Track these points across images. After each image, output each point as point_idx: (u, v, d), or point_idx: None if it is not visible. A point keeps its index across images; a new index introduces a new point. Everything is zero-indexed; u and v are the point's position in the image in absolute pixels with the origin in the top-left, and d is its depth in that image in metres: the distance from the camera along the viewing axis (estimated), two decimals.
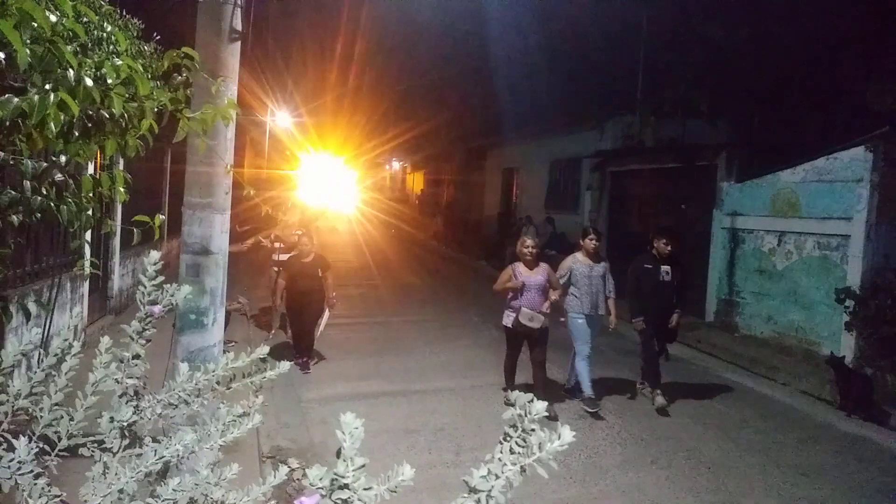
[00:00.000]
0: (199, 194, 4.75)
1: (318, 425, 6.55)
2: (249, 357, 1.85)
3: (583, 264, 7.66)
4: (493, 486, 1.10)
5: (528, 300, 7.22)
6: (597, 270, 7.68)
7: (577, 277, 7.61)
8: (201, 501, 1.57)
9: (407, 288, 15.67)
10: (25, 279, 6.47)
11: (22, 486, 1.42)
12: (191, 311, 4.78)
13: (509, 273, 7.36)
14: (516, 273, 7.31)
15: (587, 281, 7.58)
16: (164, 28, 4.17)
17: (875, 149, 9.04)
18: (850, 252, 9.28)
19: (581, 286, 7.59)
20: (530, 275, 7.29)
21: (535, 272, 7.33)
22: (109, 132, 2.83)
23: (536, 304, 7.21)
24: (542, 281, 7.30)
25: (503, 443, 1.17)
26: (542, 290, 7.29)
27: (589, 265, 7.66)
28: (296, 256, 8.80)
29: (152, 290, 1.63)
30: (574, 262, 7.71)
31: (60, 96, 2.32)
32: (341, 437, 1.15)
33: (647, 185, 14.98)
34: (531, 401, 1.18)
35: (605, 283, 7.75)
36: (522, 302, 7.20)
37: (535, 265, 7.39)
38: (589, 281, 7.59)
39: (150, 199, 11.46)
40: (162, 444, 1.57)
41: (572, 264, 7.70)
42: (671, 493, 5.54)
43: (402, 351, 9.61)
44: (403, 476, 1.24)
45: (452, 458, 5.91)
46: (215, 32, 4.67)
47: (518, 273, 7.30)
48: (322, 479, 1.16)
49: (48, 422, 1.60)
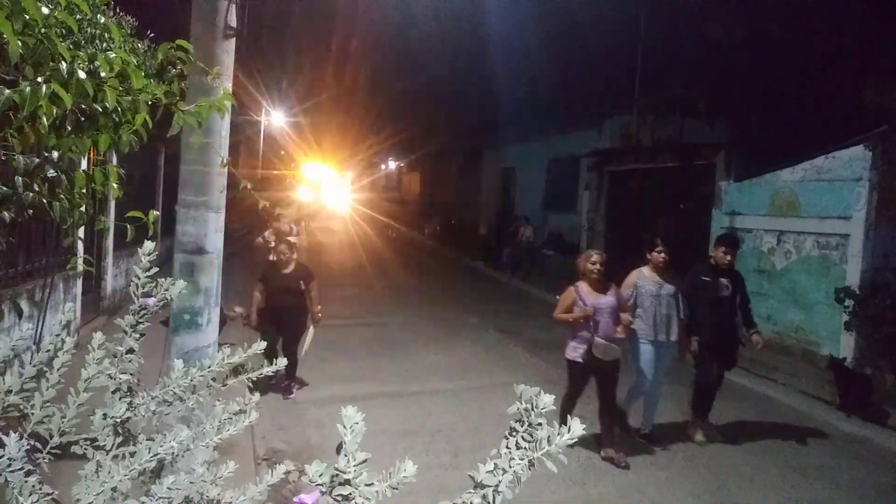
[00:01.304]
0: (194, 193, 4.72)
1: (313, 427, 6.51)
2: (245, 353, 1.82)
3: (650, 281, 6.53)
4: (500, 480, 1.06)
5: (601, 328, 6.03)
6: (667, 289, 6.51)
7: (643, 297, 6.51)
8: (197, 500, 1.53)
9: (403, 289, 15.63)
10: (18, 279, 6.43)
11: (12, 483, 1.38)
12: (185, 311, 4.74)
13: (573, 296, 6.15)
14: (582, 296, 6.10)
15: (655, 301, 6.46)
16: (157, 25, 4.13)
17: (874, 148, 9.02)
18: (850, 251, 9.26)
19: (647, 307, 6.46)
20: (599, 297, 6.11)
21: (604, 293, 6.19)
22: (103, 126, 2.78)
23: (610, 331, 6.06)
24: (614, 303, 6.14)
25: (509, 437, 1.14)
26: (614, 313, 6.13)
27: (657, 283, 6.52)
28: (273, 266, 7.77)
29: (146, 282, 1.59)
30: (640, 279, 6.58)
31: (53, 88, 2.27)
32: (343, 432, 1.11)
33: (646, 184, 14.97)
34: (538, 394, 1.14)
35: (677, 303, 6.55)
36: (594, 330, 6.03)
37: (602, 284, 6.21)
38: (657, 301, 6.46)
39: (143, 199, 11.41)
40: (156, 442, 1.53)
41: (638, 281, 6.57)
42: (670, 494, 5.51)
43: (398, 352, 9.56)
44: (405, 473, 1.20)
45: (450, 460, 5.86)
46: (210, 29, 4.64)
47: (584, 296, 6.10)
48: (322, 475, 1.12)
49: (39, 419, 1.57)
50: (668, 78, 15.01)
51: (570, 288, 6.22)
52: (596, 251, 6.43)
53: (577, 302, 6.09)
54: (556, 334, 11.48)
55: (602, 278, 6.20)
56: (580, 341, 6.07)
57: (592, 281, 6.16)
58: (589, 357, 5.97)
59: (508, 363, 9.19)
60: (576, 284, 6.22)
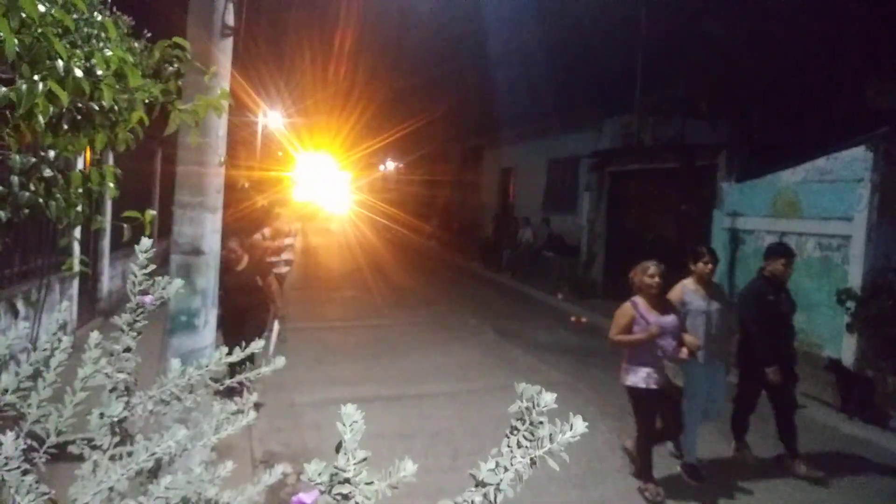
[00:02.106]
0: (190, 193, 4.70)
1: (311, 429, 6.49)
2: (243, 352, 1.80)
3: (698, 296, 5.90)
4: (501, 478, 1.04)
5: (668, 349, 5.41)
6: (715, 305, 5.90)
7: (692, 314, 5.85)
8: (195, 500, 1.51)
9: (401, 290, 15.60)
10: (13, 280, 6.41)
11: (9, 482, 1.37)
12: (182, 313, 4.71)
13: (631, 314, 5.47)
14: (643, 314, 5.44)
15: (704, 319, 5.82)
16: (153, 25, 4.11)
17: (876, 148, 8.99)
18: (851, 252, 9.23)
19: (697, 325, 5.80)
20: (660, 315, 5.45)
21: (664, 308, 5.54)
22: (99, 125, 2.77)
23: (673, 354, 5.44)
24: (677, 322, 5.51)
25: (510, 436, 1.12)
26: (676, 333, 5.48)
27: (705, 297, 5.90)
28: (226, 264, 6.82)
29: (144, 279, 1.57)
30: (686, 294, 5.93)
31: (49, 86, 2.26)
32: (342, 430, 1.09)
33: (647, 185, 14.95)
34: (539, 392, 1.12)
35: (724, 320, 5.96)
36: (661, 353, 5.41)
37: (662, 300, 5.57)
38: (707, 319, 5.82)
39: (140, 201, 11.39)
40: (154, 441, 1.52)
41: (685, 297, 5.91)
42: (671, 497, 5.48)
43: (396, 354, 9.53)
44: (405, 472, 1.18)
45: (449, 463, 5.85)
46: (207, 28, 4.62)
47: (644, 314, 5.44)
48: (321, 474, 1.10)
49: (36, 418, 1.56)
50: (670, 78, 14.98)
51: (627, 304, 5.54)
52: (653, 262, 5.60)
53: (636, 320, 5.41)
54: (556, 336, 11.54)
55: (661, 293, 5.56)
56: (642, 367, 5.39)
57: (651, 297, 5.49)
58: (665, 383, 5.36)
59: (508, 365, 9.17)
60: (633, 300, 5.54)
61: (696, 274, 5.98)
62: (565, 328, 12.13)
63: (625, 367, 5.54)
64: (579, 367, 9.18)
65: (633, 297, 5.58)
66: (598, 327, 12.36)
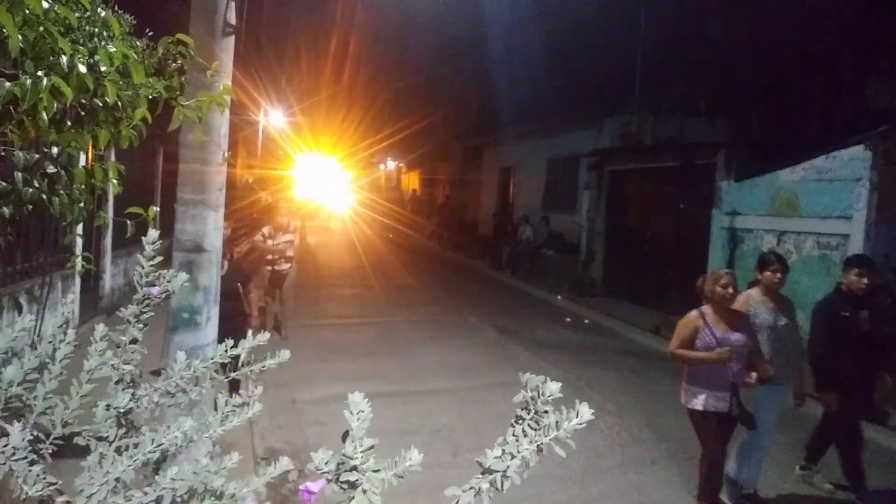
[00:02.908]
0: (192, 191, 4.71)
1: (312, 426, 6.51)
2: (248, 345, 1.81)
3: (765, 309, 5.26)
4: (508, 465, 1.05)
5: (736, 371, 4.79)
6: (783, 319, 5.26)
7: (759, 329, 5.18)
8: (201, 491, 1.53)
9: (402, 288, 15.61)
10: (16, 277, 6.42)
11: (17, 472, 1.38)
12: (184, 310, 4.73)
13: (697, 326, 4.85)
14: (711, 329, 4.80)
15: (773, 334, 5.20)
16: (155, 24, 4.12)
17: (874, 147, 9.01)
18: (850, 251, 9.22)
19: (764, 341, 5.17)
20: (729, 330, 4.82)
21: (735, 324, 4.89)
22: (103, 121, 2.78)
23: (739, 375, 4.82)
24: (745, 340, 4.84)
25: (515, 426, 1.13)
26: (745, 352, 4.85)
27: (773, 310, 5.26)
28: None
29: (150, 270, 1.58)
30: (753, 306, 5.25)
31: (53, 81, 2.26)
32: (349, 418, 1.10)
33: (646, 184, 14.96)
34: (544, 381, 1.14)
35: (793, 337, 5.34)
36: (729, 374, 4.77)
37: (732, 314, 4.94)
38: (775, 334, 5.20)
39: (142, 200, 11.39)
40: (160, 432, 1.53)
41: (751, 309, 5.22)
42: (672, 494, 5.50)
43: (397, 351, 9.55)
44: (411, 461, 1.19)
45: (450, 460, 5.86)
46: (209, 27, 4.63)
47: (712, 328, 4.80)
48: (328, 463, 1.11)
49: (42, 409, 1.56)
50: (669, 77, 15.02)
51: (693, 314, 4.92)
52: (727, 271, 4.99)
53: (700, 333, 4.81)
54: (556, 334, 11.56)
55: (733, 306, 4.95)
56: (705, 387, 4.81)
57: (721, 309, 4.87)
58: (737, 409, 4.80)
59: (508, 362, 9.18)
60: (701, 311, 4.91)
61: (763, 284, 5.32)
62: (565, 326, 12.14)
63: (684, 386, 4.97)
64: (579, 364, 9.20)
65: (701, 307, 4.94)
66: (598, 325, 12.41)
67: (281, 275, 9.49)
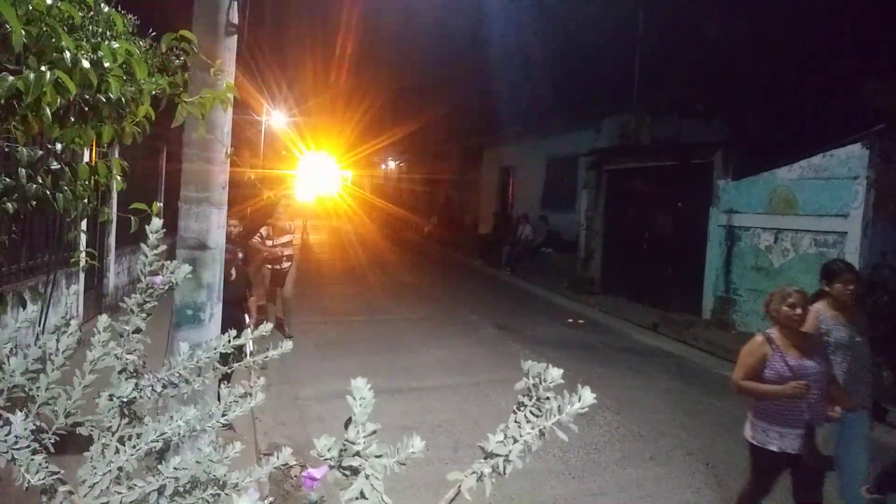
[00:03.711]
0: (196, 189, 4.72)
1: (314, 422, 6.53)
2: (251, 335, 1.83)
3: (839, 326, 4.59)
4: (510, 450, 1.07)
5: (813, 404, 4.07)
6: (858, 335, 4.63)
7: (833, 349, 4.55)
8: (204, 480, 1.54)
9: (403, 286, 15.64)
10: (20, 275, 6.43)
11: (20, 461, 1.39)
12: (187, 307, 4.74)
13: (765, 353, 4.16)
14: (783, 356, 4.12)
15: (849, 353, 4.55)
16: (157, 24, 4.13)
17: (871, 146, 9.04)
18: (847, 249, 9.27)
19: (839, 362, 4.54)
20: (802, 356, 4.13)
21: (808, 348, 4.19)
22: (106, 117, 2.79)
23: (818, 410, 4.11)
24: (822, 368, 4.16)
25: (517, 412, 1.15)
26: (823, 381, 4.15)
27: (847, 325, 4.61)
28: None
29: (154, 259, 1.60)
30: (824, 323, 4.60)
31: (57, 76, 2.28)
32: (352, 403, 1.12)
33: (644, 183, 15.00)
34: (546, 368, 1.15)
35: (868, 354, 4.76)
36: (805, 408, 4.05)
37: (803, 337, 4.24)
38: (851, 353, 4.55)
39: (145, 198, 11.38)
40: (163, 422, 1.54)
41: (822, 326, 4.58)
42: (670, 489, 5.51)
43: (398, 349, 9.57)
44: (413, 448, 1.21)
45: (450, 455, 5.88)
46: (211, 26, 4.63)
47: (784, 355, 4.12)
48: (331, 449, 1.13)
49: (45, 400, 1.57)
50: (667, 77, 15.05)
51: (759, 339, 4.26)
52: (796, 288, 4.26)
53: (769, 362, 4.13)
54: (554, 331, 11.57)
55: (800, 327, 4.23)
56: (776, 423, 4.13)
57: (791, 333, 4.19)
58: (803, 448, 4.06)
59: (507, 359, 9.19)
60: (768, 335, 4.23)
61: (833, 297, 4.66)
62: (563, 324, 12.16)
63: (751, 419, 4.30)
64: (578, 362, 9.21)
65: (767, 330, 4.28)
66: (597, 323, 12.43)
67: (282, 273, 9.49)
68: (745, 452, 4.49)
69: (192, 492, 1.54)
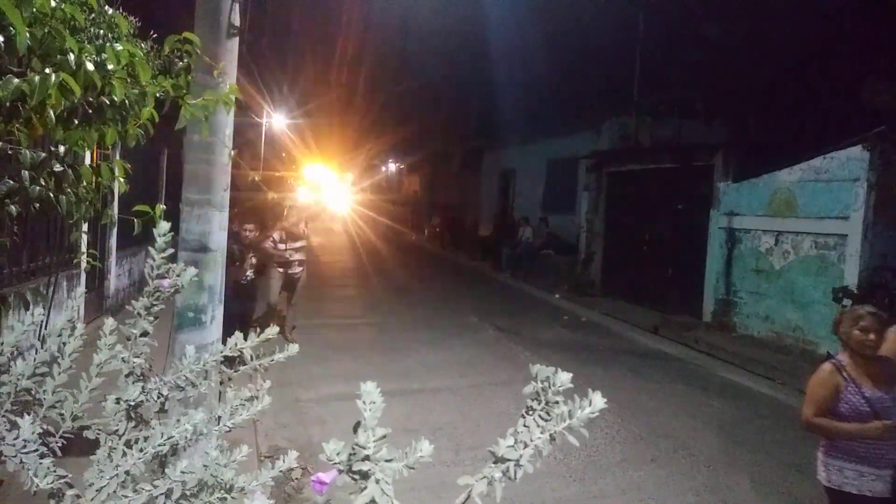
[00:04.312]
0: (198, 191, 4.72)
1: (315, 425, 6.53)
2: (257, 339, 1.83)
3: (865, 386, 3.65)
4: (521, 454, 1.07)
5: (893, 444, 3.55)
6: None
7: None
8: (210, 484, 1.54)
9: (404, 289, 15.64)
10: (22, 277, 6.43)
11: (27, 465, 1.39)
12: (189, 309, 4.74)
13: (834, 383, 3.64)
14: (858, 387, 3.60)
15: None
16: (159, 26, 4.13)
17: (872, 148, 9.05)
18: (848, 251, 9.28)
19: None
20: (877, 386, 3.60)
21: (885, 376, 3.65)
22: (110, 119, 2.79)
23: None
24: None
25: (526, 416, 1.15)
26: None
27: None
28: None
29: (161, 263, 1.60)
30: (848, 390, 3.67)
31: (62, 78, 2.28)
32: (361, 407, 1.12)
33: (644, 185, 14.99)
34: (555, 372, 1.15)
35: None
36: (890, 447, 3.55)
37: (880, 362, 3.68)
38: None
39: (147, 201, 11.37)
40: (170, 426, 1.54)
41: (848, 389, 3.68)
42: (671, 491, 5.51)
43: (399, 351, 9.56)
44: (421, 452, 1.21)
45: (452, 457, 5.87)
46: (213, 28, 4.64)
47: (858, 386, 3.60)
48: (340, 453, 1.13)
49: (51, 403, 1.57)
50: (667, 79, 15.06)
51: (827, 368, 3.73)
52: (869, 310, 3.70)
53: (844, 394, 3.61)
54: (555, 334, 11.57)
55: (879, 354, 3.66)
56: (852, 461, 3.60)
57: (864, 359, 3.64)
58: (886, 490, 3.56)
59: (508, 362, 9.19)
60: (836, 362, 3.71)
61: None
62: (564, 326, 12.16)
63: (822, 458, 3.75)
64: (578, 363, 9.20)
65: (837, 357, 3.78)
66: (597, 325, 12.43)
67: (294, 278, 9.45)
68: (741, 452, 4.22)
69: (198, 495, 1.54)
